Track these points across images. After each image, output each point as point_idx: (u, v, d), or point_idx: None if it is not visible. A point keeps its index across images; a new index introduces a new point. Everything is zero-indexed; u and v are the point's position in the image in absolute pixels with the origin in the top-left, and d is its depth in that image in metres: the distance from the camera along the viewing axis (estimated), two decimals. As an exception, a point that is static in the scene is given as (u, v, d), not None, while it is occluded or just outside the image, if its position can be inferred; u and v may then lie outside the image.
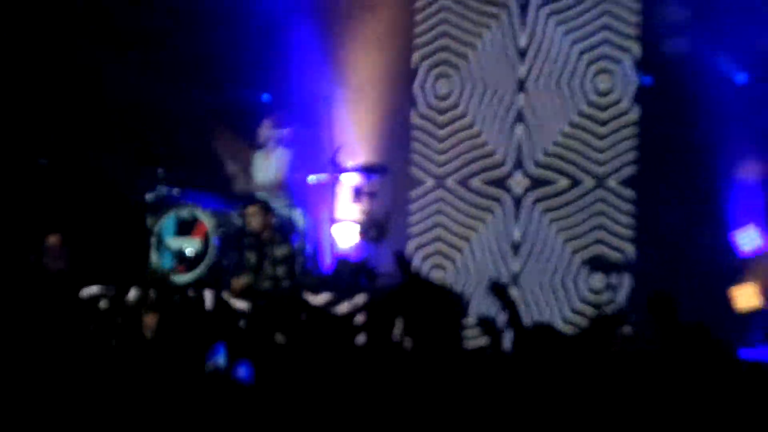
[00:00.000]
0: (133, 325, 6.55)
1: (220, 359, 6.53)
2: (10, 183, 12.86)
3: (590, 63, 13.31)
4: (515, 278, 13.46)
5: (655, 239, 13.03)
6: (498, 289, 6.93)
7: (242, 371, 5.75)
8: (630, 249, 13.09)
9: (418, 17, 14.01)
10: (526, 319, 12.21)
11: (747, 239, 12.67)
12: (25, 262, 11.93)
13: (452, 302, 5.99)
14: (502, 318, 6.67)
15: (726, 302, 12.38)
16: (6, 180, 12.84)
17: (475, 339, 7.33)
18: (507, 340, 6.64)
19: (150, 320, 6.77)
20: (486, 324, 6.14)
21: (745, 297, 12.56)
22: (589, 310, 13.07)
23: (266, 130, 13.12)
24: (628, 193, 13.15)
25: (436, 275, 13.81)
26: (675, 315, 6.51)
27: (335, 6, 13.83)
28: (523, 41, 13.53)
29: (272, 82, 13.90)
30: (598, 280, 13.15)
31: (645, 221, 13.11)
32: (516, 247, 13.52)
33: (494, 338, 6.14)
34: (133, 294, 8.08)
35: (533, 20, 13.52)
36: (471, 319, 6.96)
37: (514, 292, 13.34)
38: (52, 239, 12.43)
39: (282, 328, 6.81)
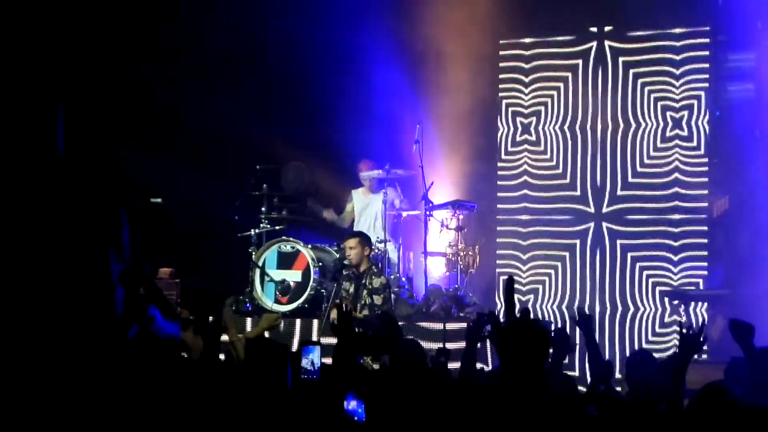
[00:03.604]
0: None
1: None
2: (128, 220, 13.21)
3: (663, 105, 13.81)
4: (599, 303, 13.93)
5: (727, 267, 13.39)
6: (583, 317, 7.43)
7: (355, 406, 5.63)
8: (704, 276, 13.53)
9: (503, 64, 14.65)
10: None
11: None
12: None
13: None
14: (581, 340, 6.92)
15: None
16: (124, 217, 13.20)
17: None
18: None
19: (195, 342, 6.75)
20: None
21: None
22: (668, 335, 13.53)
23: (363, 170, 13.54)
24: (701, 224, 13.60)
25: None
26: (751, 339, 6.87)
27: (425, 56, 14.32)
28: (599, 86, 14.09)
29: (368, 125, 14.35)
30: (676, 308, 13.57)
31: (718, 251, 13.52)
32: (598, 277, 14.03)
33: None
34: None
35: (611, 67, 14.08)
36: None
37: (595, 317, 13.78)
38: (165, 271, 12.89)
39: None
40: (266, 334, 11.19)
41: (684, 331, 6.12)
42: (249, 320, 12.16)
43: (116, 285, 5.75)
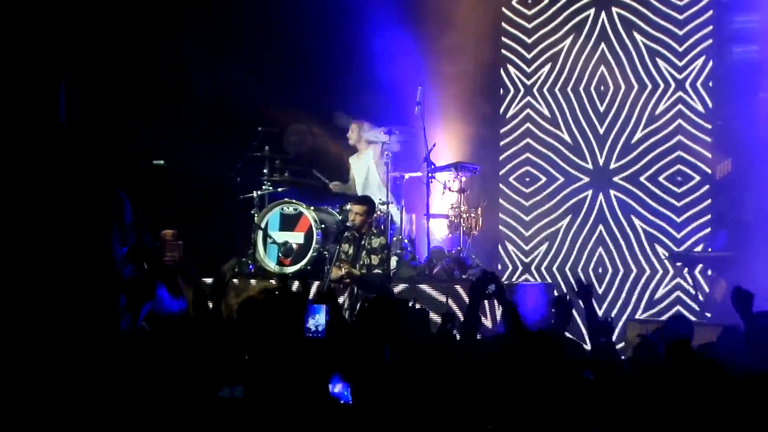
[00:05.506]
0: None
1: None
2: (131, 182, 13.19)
3: (666, 66, 13.78)
4: (598, 262, 13.95)
5: (730, 230, 13.36)
6: (581, 287, 7.35)
7: (340, 388, 5.52)
8: (708, 238, 13.51)
9: (505, 30, 14.63)
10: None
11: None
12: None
13: None
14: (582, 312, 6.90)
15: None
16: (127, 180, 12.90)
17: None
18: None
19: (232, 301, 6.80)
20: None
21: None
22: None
23: (366, 132, 13.47)
24: (705, 187, 13.56)
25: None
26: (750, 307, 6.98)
27: (427, 17, 14.27)
28: (602, 48, 14.05)
29: (370, 88, 14.26)
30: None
31: (722, 213, 13.50)
32: (601, 239, 14.04)
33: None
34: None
35: (614, 29, 14.03)
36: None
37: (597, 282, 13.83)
38: (168, 233, 12.90)
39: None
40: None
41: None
42: (253, 281, 12.12)
43: (122, 266, 5.69)
